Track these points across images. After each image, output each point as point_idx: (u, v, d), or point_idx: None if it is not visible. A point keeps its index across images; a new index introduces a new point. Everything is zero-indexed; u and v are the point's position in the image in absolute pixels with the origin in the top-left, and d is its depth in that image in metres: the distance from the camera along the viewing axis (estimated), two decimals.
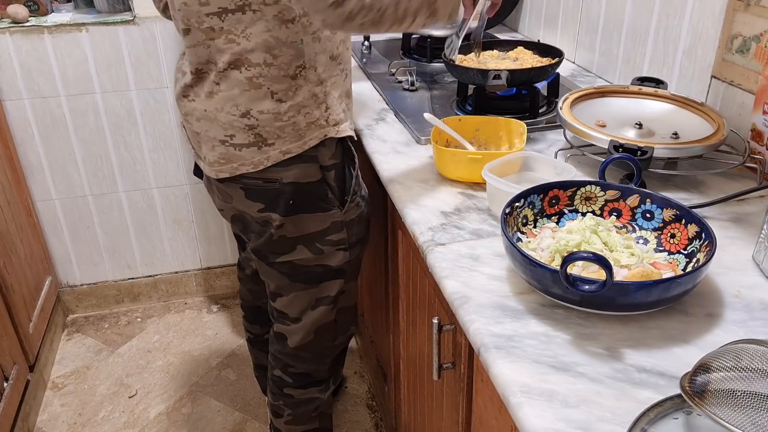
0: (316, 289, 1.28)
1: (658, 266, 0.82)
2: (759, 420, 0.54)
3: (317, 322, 1.32)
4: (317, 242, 1.22)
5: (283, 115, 1.11)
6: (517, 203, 0.90)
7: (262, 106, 1.10)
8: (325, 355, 1.40)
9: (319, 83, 1.12)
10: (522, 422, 0.66)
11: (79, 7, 2.02)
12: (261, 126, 1.11)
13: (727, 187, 1.08)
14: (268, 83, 1.09)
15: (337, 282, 1.29)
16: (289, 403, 1.43)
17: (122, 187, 2.18)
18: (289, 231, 1.20)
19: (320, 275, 1.27)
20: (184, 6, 1.08)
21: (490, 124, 1.24)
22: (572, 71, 1.66)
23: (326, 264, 1.25)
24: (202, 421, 1.91)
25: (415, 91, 1.55)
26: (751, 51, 1.13)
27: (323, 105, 1.14)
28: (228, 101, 1.11)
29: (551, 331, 0.77)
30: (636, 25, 1.44)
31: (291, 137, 1.13)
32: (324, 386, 1.44)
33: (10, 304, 1.80)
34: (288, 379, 1.40)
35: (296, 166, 1.15)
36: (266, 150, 1.13)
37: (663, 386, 0.68)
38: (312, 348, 1.36)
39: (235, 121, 1.12)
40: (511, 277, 0.86)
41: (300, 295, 1.29)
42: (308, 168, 1.16)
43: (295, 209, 1.18)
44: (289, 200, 1.17)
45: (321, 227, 1.21)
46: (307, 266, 1.25)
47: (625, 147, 1.05)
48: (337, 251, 1.24)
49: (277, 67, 1.08)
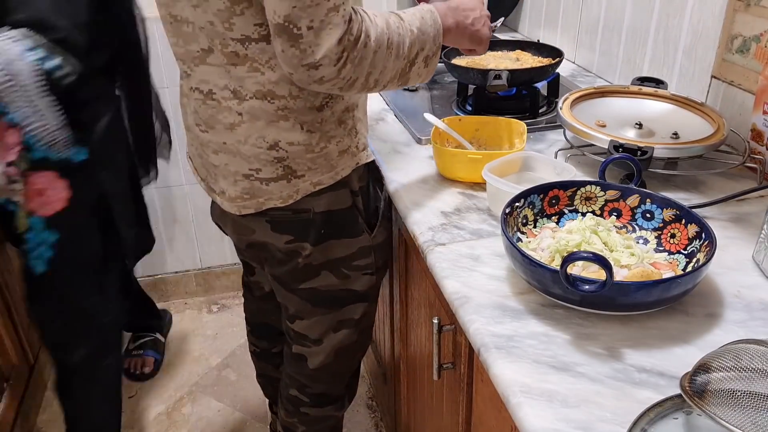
0: (339, 312, 1.23)
1: (658, 266, 0.82)
2: (759, 420, 0.54)
3: (339, 344, 1.26)
4: (343, 267, 1.16)
5: (315, 146, 1.04)
6: (517, 203, 0.90)
7: (292, 137, 1.03)
8: (344, 374, 1.37)
9: (346, 110, 1.06)
10: (522, 422, 0.66)
11: None
12: (291, 158, 1.04)
13: (727, 187, 1.08)
14: (294, 114, 1.02)
15: (362, 306, 1.24)
16: (305, 420, 1.40)
17: None
18: (315, 259, 1.14)
19: (344, 299, 1.21)
20: (209, 25, 0.99)
21: (490, 124, 1.24)
22: (572, 71, 1.66)
23: (351, 288, 1.20)
24: (202, 421, 1.91)
25: (415, 91, 1.55)
26: (751, 51, 1.13)
27: (353, 131, 1.09)
28: (253, 133, 1.03)
29: (551, 331, 0.77)
30: (636, 25, 1.44)
31: (323, 168, 1.06)
32: (340, 404, 1.41)
33: (10, 304, 1.80)
34: (305, 399, 1.37)
35: (328, 194, 1.09)
36: (296, 182, 1.06)
37: (663, 386, 0.68)
38: (332, 369, 1.32)
39: (261, 153, 1.04)
40: (511, 277, 0.87)
41: (322, 319, 1.23)
42: (340, 195, 1.10)
43: (326, 237, 1.12)
44: (320, 230, 1.11)
45: (348, 252, 1.15)
46: (331, 291, 1.19)
47: (625, 147, 1.05)
48: (363, 275, 1.19)
49: (303, 99, 1.01)
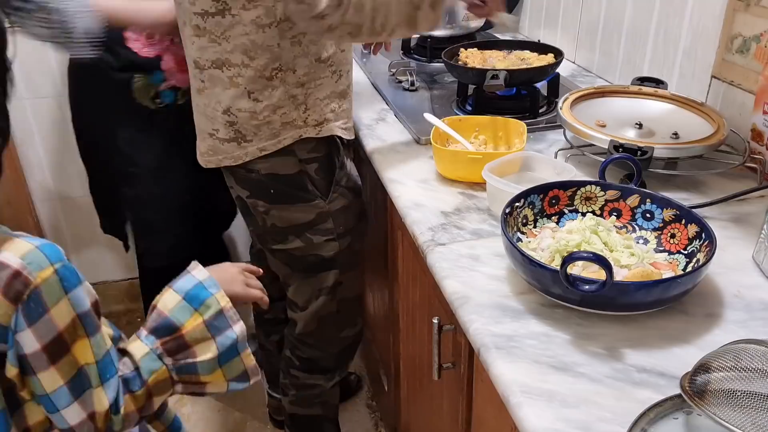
0: (315, 279, 1.34)
1: (658, 266, 0.82)
2: (759, 420, 0.54)
3: (319, 311, 1.38)
4: (306, 232, 1.28)
5: (259, 114, 1.17)
6: (517, 203, 0.90)
7: (240, 104, 1.16)
8: (331, 345, 1.46)
9: (299, 85, 1.17)
10: (522, 422, 0.66)
11: None
12: (240, 123, 1.18)
13: (727, 187, 1.07)
14: (245, 83, 1.15)
15: (332, 272, 1.34)
16: (295, 384, 1.51)
17: None
18: (277, 220, 1.27)
19: (316, 265, 1.33)
20: (184, 2, 1.14)
21: (490, 124, 1.24)
22: (572, 71, 1.66)
23: (318, 254, 1.31)
24: (202, 421, 1.91)
25: (415, 91, 1.55)
26: (751, 51, 1.13)
27: (302, 106, 1.19)
28: (213, 98, 1.18)
29: (551, 331, 0.77)
30: (636, 25, 1.44)
31: (266, 135, 1.19)
32: (329, 375, 1.50)
33: None
34: (295, 361, 1.48)
35: (271, 159, 1.21)
36: (245, 146, 1.20)
37: (663, 386, 0.68)
38: (316, 336, 1.42)
39: (218, 117, 1.19)
40: (511, 277, 0.86)
41: (302, 285, 1.36)
42: (285, 161, 1.22)
43: (277, 198, 1.25)
44: (269, 189, 1.24)
45: (308, 218, 1.27)
46: (303, 256, 1.31)
47: (625, 147, 1.05)
48: (327, 241, 1.30)
49: (253, 69, 1.13)
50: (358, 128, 1.38)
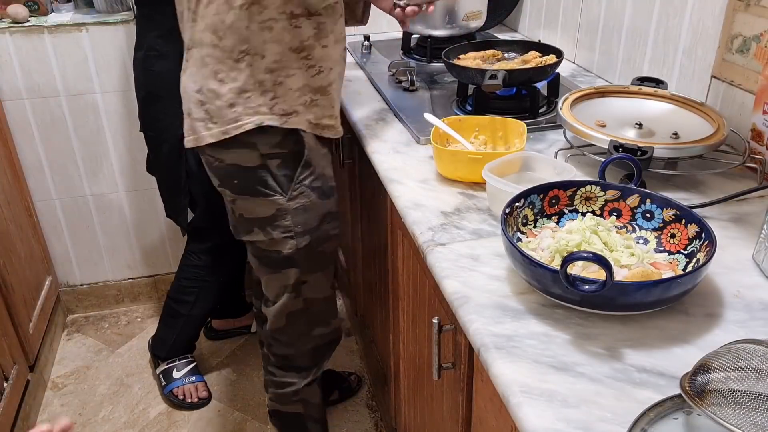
0: (279, 275, 1.36)
1: (658, 266, 0.82)
2: (759, 420, 0.54)
3: (286, 308, 1.39)
4: (268, 227, 1.30)
5: (223, 96, 1.18)
6: (517, 203, 0.90)
7: (209, 84, 1.18)
8: (302, 343, 1.46)
9: (267, 71, 1.17)
10: (522, 422, 0.66)
11: (79, 7, 2.02)
12: (208, 103, 1.20)
13: (727, 187, 1.07)
14: (213, 63, 1.16)
15: (293, 270, 1.34)
16: (272, 381, 1.53)
17: (122, 187, 2.18)
18: (243, 211, 1.30)
19: (278, 261, 1.34)
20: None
21: (490, 124, 1.24)
22: (572, 71, 1.66)
23: (278, 250, 1.32)
24: (202, 421, 1.91)
25: (415, 91, 1.55)
26: (751, 51, 1.13)
27: (269, 93, 1.18)
28: (190, 77, 1.21)
29: (551, 331, 0.77)
30: (636, 25, 1.44)
31: (229, 119, 1.19)
32: (303, 374, 1.50)
33: (10, 304, 1.80)
34: (271, 358, 1.50)
35: (235, 150, 1.23)
36: (212, 127, 1.21)
37: (663, 386, 0.68)
38: (287, 332, 1.44)
39: (193, 96, 1.21)
40: (511, 277, 0.86)
41: (270, 279, 1.38)
42: (246, 153, 1.23)
43: (240, 190, 1.27)
44: (233, 180, 1.26)
45: (268, 212, 1.28)
46: (267, 250, 1.33)
47: (625, 147, 1.05)
48: (284, 238, 1.30)
49: (221, 49, 1.15)
50: (359, 128, 1.38)
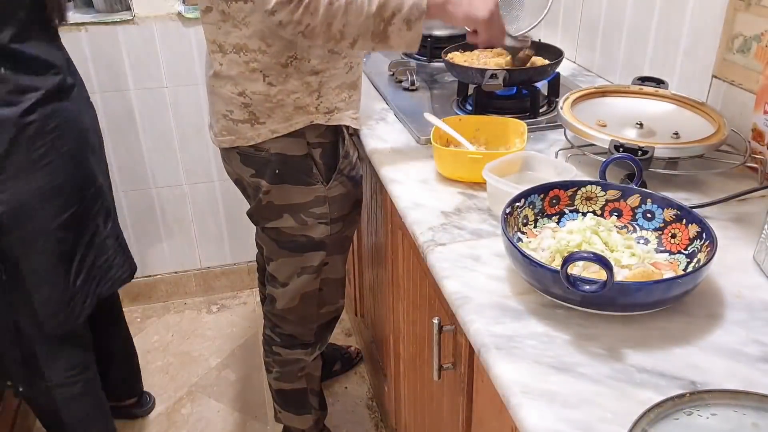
0: (300, 257, 1.38)
1: (659, 266, 0.82)
2: None
3: (302, 288, 1.41)
4: (301, 213, 1.32)
5: (273, 97, 1.21)
6: (517, 203, 0.90)
7: (256, 87, 1.20)
8: (311, 321, 1.49)
9: (313, 73, 1.21)
10: (522, 423, 0.65)
11: (79, 7, 2.02)
12: (254, 105, 1.22)
13: (728, 187, 1.07)
14: (261, 68, 1.19)
15: (320, 254, 1.38)
16: (277, 360, 1.55)
17: (122, 187, 2.18)
18: (276, 198, 1.31)
19: (304, 245, 1.36)
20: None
21: (491, 124, 1.24)
22: (573, 71, 1.66)
23: (309, 235, 1.34)
24: (202, 421, 1.90)
25: (415, 91, 1.55)
26: (752, 51, 1.13)
27: (315, 93, 1.23)
28: (229, 80, 1.22)
29: (552, 332, 0.76)
30: (637, 24, 1.44)
31: (279, 118, 1.23)
32: (310, 349, 1.53)
33: None
34: (276, 338, 1.52)
35: (284, 139, 1.25)
36: (258, 127, 1.24)
37: (664, 387, 0.68)
38: (297, 312, 1.46)
39: (233, 98, 1.23)
40: (512, 277, 0.86)
41: (286, 262, 1.39)
42: (294, 142, 1.26)
43: (280, 179, 1.28)
44: (275, 169, 1.27)
45: (305, 199, 1.30)
46: (293, 235, 1.35)
47: (625, 147, 1.05)
48: (319, 224, 1.33)
49: (269, 55, 1.17)
50: (359, 128, 1.38)
